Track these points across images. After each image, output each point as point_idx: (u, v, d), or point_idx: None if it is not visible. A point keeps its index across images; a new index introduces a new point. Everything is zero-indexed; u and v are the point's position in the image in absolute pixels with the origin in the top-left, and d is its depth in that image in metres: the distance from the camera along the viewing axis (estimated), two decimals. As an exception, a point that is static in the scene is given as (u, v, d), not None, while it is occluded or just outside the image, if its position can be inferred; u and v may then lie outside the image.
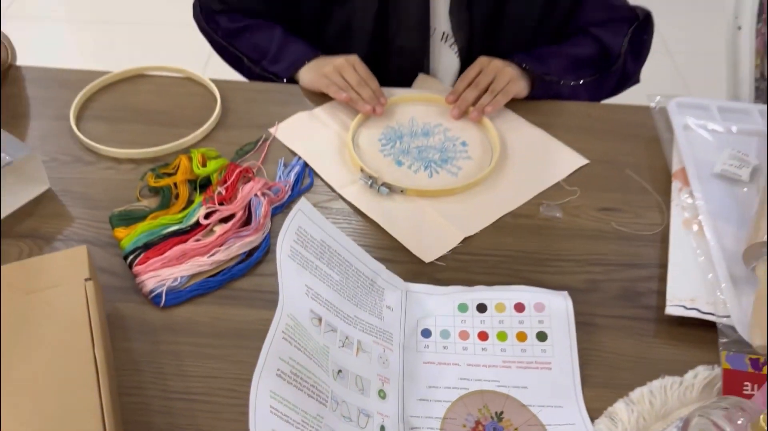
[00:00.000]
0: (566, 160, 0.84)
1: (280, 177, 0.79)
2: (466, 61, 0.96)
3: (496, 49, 0.94)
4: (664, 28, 2.53)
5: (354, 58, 0.92)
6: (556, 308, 0.66)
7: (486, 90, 0.89)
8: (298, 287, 0.58)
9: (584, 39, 0.97)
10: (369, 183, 0.78)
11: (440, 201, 0.79)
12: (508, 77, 0.89)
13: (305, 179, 0.80)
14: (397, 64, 0.97)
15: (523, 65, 0.91)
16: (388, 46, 0.96)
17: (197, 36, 1.03)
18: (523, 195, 0.80)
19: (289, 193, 0.77)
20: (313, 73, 0.92)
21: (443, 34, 0.97)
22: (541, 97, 0.92)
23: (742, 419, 0.51)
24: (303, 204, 0.62)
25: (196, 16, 1.02)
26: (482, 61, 0.92)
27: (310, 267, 0.60)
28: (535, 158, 0.85)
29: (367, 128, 0.88)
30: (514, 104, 0.91)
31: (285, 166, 0.81)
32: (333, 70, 0.90)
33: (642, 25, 0.98)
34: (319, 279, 0.61)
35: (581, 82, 0.94)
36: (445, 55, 0.98)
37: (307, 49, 0.95)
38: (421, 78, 0.98)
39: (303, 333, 0.55)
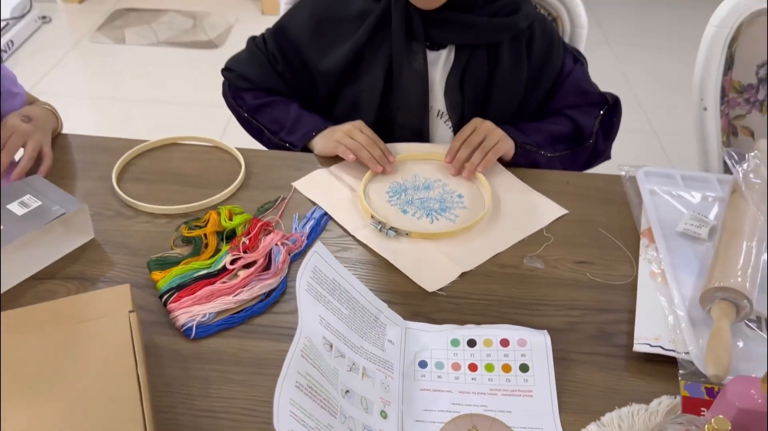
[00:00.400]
0: (548, 211, 0.96)
1: (296, 228, 0.91)
2: None
3: None
4: (649, 109, 2.72)
5: (360, 123, 1.04)
6: (536, 344, 0.76)
7: (478, 146, 1.00)
8: (314, 316, 0.68)
9: (561, 119, 1.10)
10: (378, 227, 0.91)
11: (440, 242, 0.90)
12: (497, 137, 1.01)
13: (321, 230, 0.92)
14: (399, 136, 1.10)
15: (508, 133, 1.03)
16: (392, 122, 1.09)
17: (209, 113, 1.16)
18: (511, 238, 0.91)
19: (306, 242, 0.88)
20: (324, 140, 1.04)
21: (438, 111, 1.10)
22: (521, 164, 1.04)
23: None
24: (319, 247, 0.72)
25: (225, 94, 1.16)
26: (475, 121, 1.03)
27: (323, 300, 0.71)
28: (522, 207, 0.97)
29: (376, 182, 1.00)
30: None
31: (299, 219, 0.93)
32: (343, 134, 1.02)
33: (612, 108, 1.12)
34: (331, 311, 0.71)
35: (557, 154, 1.07)
36: (440, 129, 1.11)
37: (318, 121, 1.08)
38: None
39: (317, 354, 0.65)
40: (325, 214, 0.94)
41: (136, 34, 3.10)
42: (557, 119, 1.11)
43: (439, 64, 1.06)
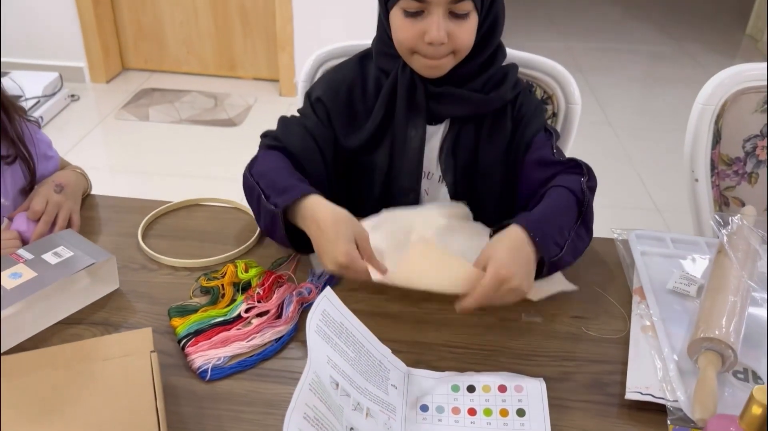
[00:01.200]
0: (557, 282, 0.98)
1: (311, 279, 0.97)
2: (454, 195, 1.16)
3: (475, 186, 1.14)
4: (649, 182, 2.80)
5: (348, 262, 0.90)
6: (533, 390, 0.80)
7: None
8: (322, 356, 0.73)
9: (548, 194, 1.03)
10: None
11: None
12: (523, 291, 0.89)
13: (336, 283, 0.98)
14: (398, 194, 1.16)
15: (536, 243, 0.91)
16: (393, 184, 1.16)
17: (227, 186, 1.20)
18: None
19: (318, 293, 0.94)
20: (314, 244, 0.95)
21: (439, 176, 1.16)
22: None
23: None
24: (328, 292, 0.78)
25: (245, 175, 1.09)
26: (498, 278, 0.87)
27: (331, 342, 0.76)
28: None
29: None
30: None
31: (314, 274, 0.99)
32: (332, 270, 0.93)
33: (589, 174, 1.05)
34: (338, 353, 0.76)
35: (569, 238, 0.96)
36: (440, 191, 1.18)
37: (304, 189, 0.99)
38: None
39: (324, 389, 0.70)
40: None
41: (159, 112, 3.27)
42: (553, 197, 1.02)
43: (438, 135, 1.14)
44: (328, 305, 0.77)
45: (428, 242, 0.98)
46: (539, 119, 1.14)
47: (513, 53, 1.20)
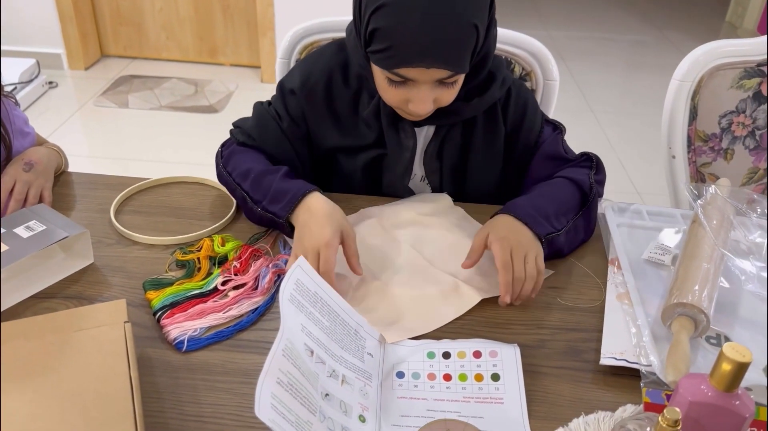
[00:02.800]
0: None
1: (286, 251, 0.96)
2: None
3: (464, 188, 1.12)
4: (632, 171, 2.82)
5: (325, 246, 0.89)
6: (507, 355, 0.80)
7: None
8: (295, 323, 0.73)
9: (555, 182, 1.04)
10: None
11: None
12: (534, 254, 0.90)
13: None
14: (384, 194, 1.14)
15: (529, 226, 0.93)
16: (379, 183, 1.13)
17: (207, 173, 1.16)
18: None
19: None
20: (298, 230, 0.94)
21: (422, 177, 1.14)
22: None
23: (649, 427, 0.64)
24: (302, 262, 0.78)
25: (217, 160, 1.10)
26: (507, 242, 0.90)
27: (305, 311, 0.75)
28: None
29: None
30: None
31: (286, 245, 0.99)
32: (305, 251, 0.91)
33: (598, 166, 1.07)
34: (313, 321, 0.76)
35: (570, 224, 0.98)
36: (424, 191, 1.15)
37: (301, 186, 0.98)
38: None
39: (298, 355, 0.69)
40: None
41: (139, 99, 3.23)
42: (551, 184, 1.04)
43: (422, 137, 1.10)
44: (302, 275, 0.77)
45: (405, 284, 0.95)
46: (538, 114, 1.11)
47: (490, 29, 1.20)
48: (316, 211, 0.93)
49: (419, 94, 0.93)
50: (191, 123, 3.06)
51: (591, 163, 1.07)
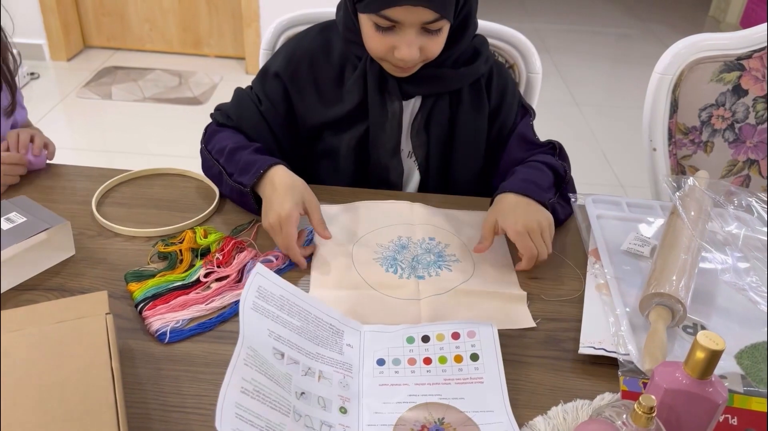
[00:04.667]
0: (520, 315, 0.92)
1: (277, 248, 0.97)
2: (424, 173, 1.16)
3: (450, 161, 1.14)
4: (616, 164, 2.84)
5: (285, 219, 0.92)
6: (485, 334, 0.81)
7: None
8: (261, 330, 0.73)
9: (531, 165, 1.08)
10: None
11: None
12: (546, 224, 0.96)
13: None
14: (372, 173, 1.16)
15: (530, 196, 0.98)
16: (366, 161, 1.15)
17: (192, 165, 1.18)
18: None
19: (286, 262, 0.95)
20: (264, 205, 0.98)
21: (409, 152, 1.17)
22: None
23: (625, 415, 0.65)
24: (260, 268, 0.79)
25: (201, 142, 1.13)
26: (523, 227, 0.94)
27: (271, 316, 0.76)
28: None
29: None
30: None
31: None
32: (269, 226, 0.95)
33: (561, 153, 1.12)
34: (281, 324, 0.76)
35: (554, 199, 1.04)
36: (411, 170, 1.18)
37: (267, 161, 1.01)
38: None
39: (264, 361, 0.70)
40: (312, 231, 0.99)
41: (122, 91, 3.21)
42: (528, 166, 1.08)
43: (408, 110, 1.13)
44: (262, 281, 0.78)
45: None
46: (516, 95, 1.16)
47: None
48: (278, 185, 0.97)
49: (405, 38, 0.97)
50: (175, 115, 3.04)
51: (555, 150, 1.13)
